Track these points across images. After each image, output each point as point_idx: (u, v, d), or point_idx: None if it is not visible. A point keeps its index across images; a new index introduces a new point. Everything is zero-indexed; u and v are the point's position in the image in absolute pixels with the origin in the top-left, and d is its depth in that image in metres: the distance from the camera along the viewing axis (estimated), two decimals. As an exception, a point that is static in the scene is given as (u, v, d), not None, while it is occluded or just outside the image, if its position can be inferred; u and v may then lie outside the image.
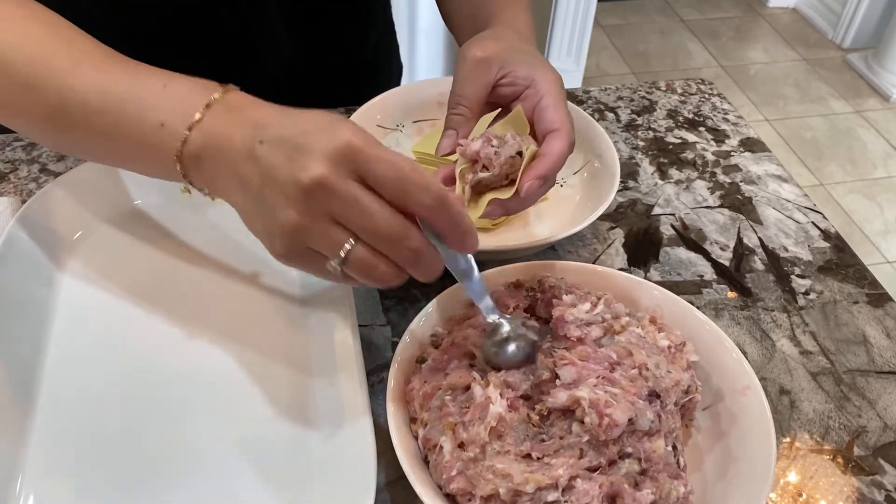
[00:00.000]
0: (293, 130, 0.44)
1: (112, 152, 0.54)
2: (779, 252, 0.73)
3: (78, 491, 0.51)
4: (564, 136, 0.57)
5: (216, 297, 0.63)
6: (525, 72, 0.60)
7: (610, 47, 2.94)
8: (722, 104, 0.92)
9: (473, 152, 0.57)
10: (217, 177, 0.48)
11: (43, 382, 0.56)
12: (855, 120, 2.64)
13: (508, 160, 0.57)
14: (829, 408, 0.60)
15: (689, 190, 0.79)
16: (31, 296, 0.61)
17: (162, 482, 0.52)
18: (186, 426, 0.55)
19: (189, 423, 0.55)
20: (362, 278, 0.46)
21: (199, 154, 0.48)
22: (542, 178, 0.56)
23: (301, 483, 0.52)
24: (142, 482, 0.52)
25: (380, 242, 0.44)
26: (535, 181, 0.56)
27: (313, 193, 0.42)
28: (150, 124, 0.49)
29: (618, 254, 0.72)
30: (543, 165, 0.56)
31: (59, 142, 0.59)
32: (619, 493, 0.46)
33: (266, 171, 0.44)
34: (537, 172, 0.56)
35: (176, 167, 0.49)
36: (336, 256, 0.44)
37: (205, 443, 0.54)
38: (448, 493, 0.48)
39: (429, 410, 0.51)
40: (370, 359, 0.59)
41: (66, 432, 0.54)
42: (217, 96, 0.48)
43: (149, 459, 0.53)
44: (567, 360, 0.51)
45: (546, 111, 0.59)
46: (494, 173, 0.57)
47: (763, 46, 3.01)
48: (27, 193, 0.72)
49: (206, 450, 0.53)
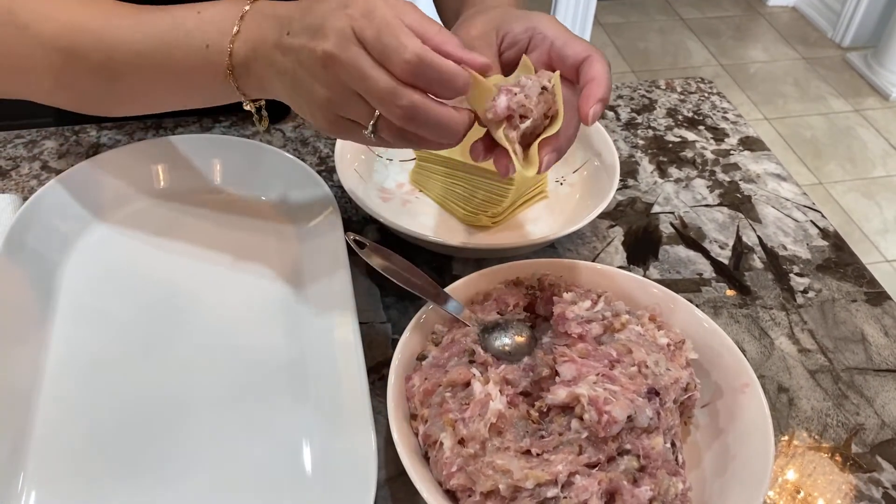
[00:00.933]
0: (312, 17, 0.49)
1: (166, 88, 0.59)
2: (778, 250, 0.73)
3: (79, 488, 0.51)
4: (598, 58, 0.54)
5: (217, 294, 0.64)
6: (521, 26, 0.57)
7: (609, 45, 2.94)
8: (721, 103, 0.92)
9: (504, 109, 0.52)
10: (263, 77, 0.54)
11: (45, 379, 0.56)
12: (854, 119, 2.64)
13: (539, 98, 0.52)
14: (827, 405, 0.60)
15: (689, 188, 0.80)
16: (33, 293, 0.61)
17: (163, 478, 0.52)
18: (187, 422, 0.55)
19: (189, 419, 0.55)
20: (396, 141, 0.50)
21: (244, 63, 0.54)
22: (602, 100, 0.52)
23: (302, 479, 0.52)
24: (143, 478, 0.52)
25: (377, 103, 0.48)
26: (598, 104, 0.52)
27: (327, 66, 0.48)
28: (196, 48, 0.55)
29: (617, 252, 0.72)
30: (599, 88, 0.52)
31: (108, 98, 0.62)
32: (618, 489, 0.46)
33: (295, 57, 0.49)
34: (597, 95, 0.52)
35: (229, 81, 0.55)
36: (368, 126, 0.49)
37: (205, 438, 0.54)
38: (448, 490, 0.49)
39: (429, 407, 0.52)
40: (370, 356, 0.60)
41: (67, 430, 0.54)
42: (248, 8, 0.54)
43: (150, 455, 0.53)
44: (567, 358, 0.51)
45: (564, 48, 0.55)
46: (534, 117, 0.52)
47: (763, 45, 3.01)
48: (29, 191, 0.73)
49: (206, 445, 0.54)
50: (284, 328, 0.61)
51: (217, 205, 0.71)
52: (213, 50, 0.54)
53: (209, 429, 0.55)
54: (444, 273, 0.68)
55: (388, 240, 0.69)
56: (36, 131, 0.80)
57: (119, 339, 0.60)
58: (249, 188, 0.71)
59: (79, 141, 0.79)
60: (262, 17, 0.53)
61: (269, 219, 0.70)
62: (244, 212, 0.71)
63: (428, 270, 0.66)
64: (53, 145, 0.78)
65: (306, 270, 0.65)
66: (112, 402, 0.56)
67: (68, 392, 0.56)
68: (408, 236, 0.66)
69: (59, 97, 0.62)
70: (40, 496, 0.50)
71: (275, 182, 0.71)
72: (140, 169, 0.71)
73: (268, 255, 0.67)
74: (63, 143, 0.78)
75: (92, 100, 0.62)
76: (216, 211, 0.70)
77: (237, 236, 0.68)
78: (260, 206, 0.71)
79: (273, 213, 0.70)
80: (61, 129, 0.80)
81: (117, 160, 0.70)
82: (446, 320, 0.58)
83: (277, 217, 0.70)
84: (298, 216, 0.69)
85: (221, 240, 0.68)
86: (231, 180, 0.72)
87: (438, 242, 0.65)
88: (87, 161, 0.69)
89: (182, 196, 0.71)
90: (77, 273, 0.64)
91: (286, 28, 0.50)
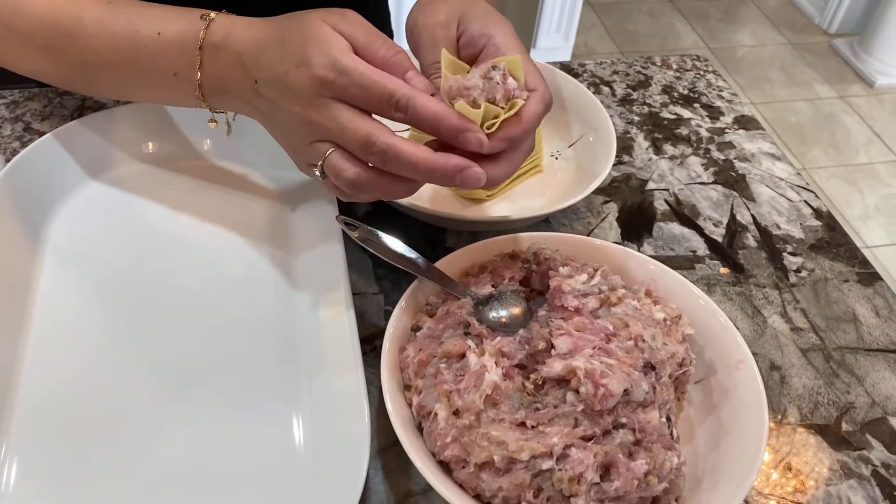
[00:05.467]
0: (278, 69, 0.48)
1: (144, 98, 0.61)
2: (771, 229, 0.73)
3: (62, 459, 0.50)
4: (538, 98, 0.51)
5: (206, 263, 0.62)
6: (478, 28, 0.56)
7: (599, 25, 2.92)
8: (717, 81, 0.91)
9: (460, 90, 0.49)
10: (239, 109, 0.55)
11: (28, 346, 0.55)
12: (839, 105, 2.66)
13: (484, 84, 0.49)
14: (819, 384, 0.61)
15: (684, 166, 0.79)
16: (15, 257, 0.59)
17: (148, 449, 0.51)
18: (175, 396, 0.54)
19: (178, 393, 0.54)
20: (335, 180, 0.49)
21: (214, 92, 0.54)
22: (509, 140, 0.50)
23: (295, 450, 0.51)
24: (128, 448, 0.51)
25: (355, 149, 0.48)
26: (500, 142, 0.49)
27: (304, 126, 0.48)
28: (165, 74, 0.55)
29: (611, 228, 0.72)
30: (514, 128, 0.50)
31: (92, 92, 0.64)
32: (614, 462, 0.46)
33: (270, 104, 0.50)
34: (506, 134, 0.49)
35: (203, 105, 0.55)
36: (318, 166, 0.49)
37: (194, 412, 0.53)
38: (442, 461, 0.48)
39: (423, 378, 0.51)
40: (362, 327, 0.59)
41: (51, 398, 0.53)
42: (202, 35, 0.52)
43: (135, 426, 0.52)
44: (563, 331, 0.51)
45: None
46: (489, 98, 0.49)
47: (751, 29, 3.01)
48: (11, 152, 0.71)
49: (195, 419, 0.53)
50: (276, 297, 0.60)
51: (207, 172, 0.69)
52: (181, 79, 0.54)
53: (199, 400, 0.54)
54: (437, 245, 0.67)
55: (382, 210, 0.68)
56: (18, 92, 0.77)
57: (104, 305, 0.59)
58: (242, 156, 0.70)
59: (62, 103, 0.76)
60: (220, 52, 0.52)
61: (260, 188, 0.69)
62: (236, 180, 0.69)
63: (421, 242, 0.65)
64: (37, 107, 0.76)
65: (298, 240, 0.64)
66: (96, 370, 0.55)
67: (51, 359, 0.55)
68: (401, 206, 0.65)
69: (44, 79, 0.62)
70: (22, 465, 0.49)
71: (268, 151, 0.70)
72: (129, 132, 0.69)
73: (259, 225, 0.66)
74: (47, 105, 0.76)
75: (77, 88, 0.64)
76: (206, 178, 0.69)
77: (228, 205, 0.67)
78: (252, 175, 0.69)
79: (265, 183, 0.69)
80: (45, 90, 0.78)
81: (107, 122, 0.68)
82: (440, 292, 0.57)
83: (269, 186, 0.69)
84: (291, 186, 0.68)
85: (212, 208, 0.66)
86: (223, 148, 0.70)
87: (432, 213, 0.64)
88: (75, 122, 0.67)
89: (172, 161, 0.69)
90: (61, 237, 0.62)
91: (254, 75, 0.50)
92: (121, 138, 0.68)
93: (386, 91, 0.47)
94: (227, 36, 0.52)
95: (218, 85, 0.53)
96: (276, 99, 0.49)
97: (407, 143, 0.47)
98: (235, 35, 0.51)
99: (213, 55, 0.52)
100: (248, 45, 0.51)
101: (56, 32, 0.56)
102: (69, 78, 0.60)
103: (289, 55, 0.48)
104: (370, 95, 0.47)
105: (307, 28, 0.48)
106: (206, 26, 0.52)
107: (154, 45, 0.54)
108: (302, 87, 0.47)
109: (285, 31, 0.49)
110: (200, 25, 0.52)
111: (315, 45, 0.47)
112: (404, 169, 0.47)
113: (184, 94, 0.55)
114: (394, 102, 0.47)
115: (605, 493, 0.46)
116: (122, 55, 0.55)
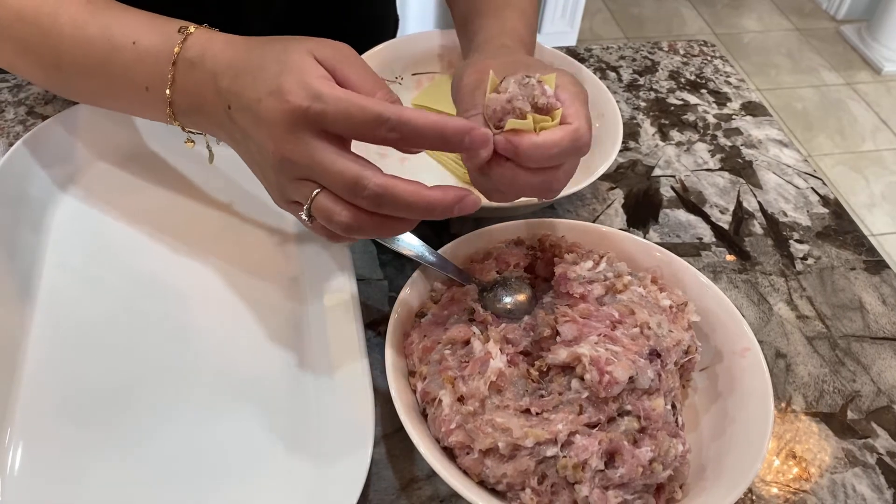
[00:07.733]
0: (250, 96, 0.45)
1: (118, 108, 0.58)
2: (778, 217, 0.73)
3: (67, 439, 0.50)
4: (568, 128, 0.47)
5: (210, 249, 0.62)
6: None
7: (604, 10, 2.90)
8: (724, 67, 0.90)
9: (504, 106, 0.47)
10: (209, 129, 0.51)
11: (32, 330, 0.55)
12: (846, 92, 2.64)
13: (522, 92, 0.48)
14: (824, 372, 0.60)
15: (690, 152, 0.79)
16: (20, 240, 0.59)
17: (152, 429, 0.51)
18: (180, 376, 0.54)
19: (183, 375, 0.54)
20: (326, 224, 0.45)
21: (186, 112, 0.51)
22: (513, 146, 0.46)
23: (299, 436, 0.51)
24: (132, 432, 0.51)
25: (343, 193, 0.44)
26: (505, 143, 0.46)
27: (278, 162, 0.44)
28: (138, 88, 0.52)
29: (617, 214, 0.71)
30: (523, 140, 0.46)
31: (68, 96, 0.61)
32: (619, 449, 0.46)
33: (243, 133, 0.46)
34: (514, 140, 0.46)
35: (174, 123, 0.52)
36: (305, 209, 0.45)
37: (200, 397, 0.53)
38: (446, 447, 0.48)
39: (428, 364, 0.51)
40: (367, 313, 0.59)
41: (55, 384, 0.53)
42: (177, 50, 0.49)
43: (139, 412, 0.52)
44: (568, 318, 0.50)
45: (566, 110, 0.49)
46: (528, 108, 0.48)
47: (757, 15, 2.99)
48: (14, 136, 0.70)
49: (201, 404, 0.53)
50: (280, 282, 0.60)
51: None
52: (153, 94, 0.51)
53: (203, 383, 0.54)
54: (441, 232, 0.67)
55: (386, 196, 0.68)
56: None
57: (108, 286, 0.58)
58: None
59: (66, 87, 0.76)
60: (195, 69, 0.48)
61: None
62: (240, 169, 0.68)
63: (425, 229, 0.65)
64: (39, 90, 0.75)
65: (302, 227, 0.64)
66: (101, 351, 0.55)
67: (56, 345, 0.55)
68: (406, 192, 0.65)
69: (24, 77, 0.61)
70: (28, 447, 0.49)
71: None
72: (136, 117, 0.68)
73: (263, 213, 0.65)
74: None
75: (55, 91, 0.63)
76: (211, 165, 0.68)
77: (233, 190, 0.66)
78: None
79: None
80: (47, 74, 0.77)
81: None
82: (445, 279, 0.57)
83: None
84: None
85: (216, 193, 0.66)
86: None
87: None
88: (74, 106, 0.67)
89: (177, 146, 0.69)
90: (64, 223, 0.62)
91: (227, 100, 0.46)
92: (127, 122, 0.68)
93: (372, 113, 0.42)
94: (203, 53, 0.48)
95: (190, 104, 0.50)
96: (247, 128, 0.45)
97: (401, 181, 0.43)
98: (212, 52, 0.48)
99: (186, 72, 0.49)
100: (225, 66, 0.47)
101: (32, 29, 0.53)
102: (44, 80, 0.58)
103: (262, 81, 0.44)
104: (353, 121, 0.42)
105: (287, 55, 0.44)
106: (183, 40, 0.49)
107: (127, 54, 0.51)
108: (274, 119, 0.43)
109: (264, 56, 0.45)
110: (176, 39, 0.49)
111: (289, 73, 0.43)
112: (401, 210, 0.43)
113: (155, 109, 0.52)
114: (383, 122, 0.42)
115: (610, 479, 0.45)
116: (94, 61, 0.52)
